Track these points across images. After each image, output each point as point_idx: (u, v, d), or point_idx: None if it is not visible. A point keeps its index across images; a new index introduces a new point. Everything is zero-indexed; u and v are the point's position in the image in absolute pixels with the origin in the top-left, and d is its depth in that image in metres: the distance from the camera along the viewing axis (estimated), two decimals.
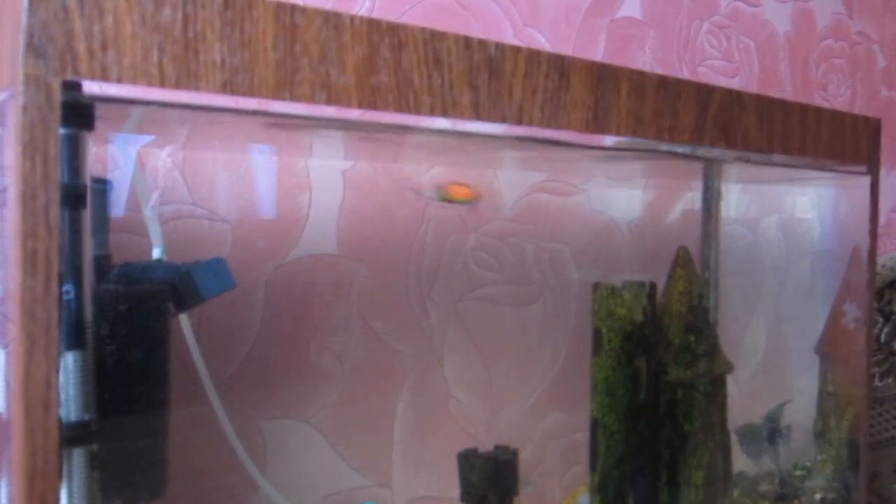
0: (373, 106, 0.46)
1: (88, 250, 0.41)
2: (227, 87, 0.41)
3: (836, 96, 1.41)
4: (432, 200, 0.86)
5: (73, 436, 0.39)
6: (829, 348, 1.00)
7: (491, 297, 0.93)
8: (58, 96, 0.36)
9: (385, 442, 0.86)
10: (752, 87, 1.25)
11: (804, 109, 0.75)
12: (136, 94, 0.42)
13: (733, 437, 0.83)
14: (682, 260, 0.78)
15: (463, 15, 0.90)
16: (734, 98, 0.68)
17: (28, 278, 0.36)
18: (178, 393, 0.54)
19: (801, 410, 1.03)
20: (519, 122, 0.53)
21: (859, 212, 0.88)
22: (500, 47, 0.52)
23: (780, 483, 0.99)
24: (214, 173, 0.74)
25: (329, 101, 0.45)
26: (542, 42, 0.98)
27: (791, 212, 1.23)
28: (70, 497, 0.39)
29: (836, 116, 0.79)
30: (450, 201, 0.85)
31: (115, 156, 0.67)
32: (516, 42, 0.88)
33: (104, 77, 0.38)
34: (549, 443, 0.99)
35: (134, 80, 0.39)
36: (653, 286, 0.75)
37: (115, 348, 0.48)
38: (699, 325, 0.76)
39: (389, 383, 0.86)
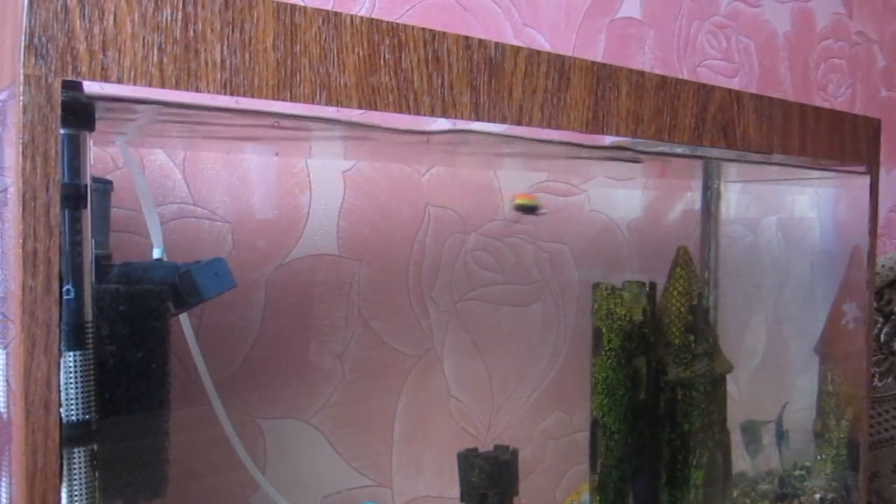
0: (373, 106, 0.46)
1: (89, 250, 0.41)
2: (227, 87, 0.41)
3: (836, 96, 1.41)
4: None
5: (73, 436, 0.39)
6: (828, 348, 1.00)
7: (491, 297, 0.93)
8: (58, 96, 0.36)
9: (385, 442, 0.86)
10: (752, 87, 1.25)
11: (804, 109, 0.75)
12: (137, 94, 0.42)
13: (737, 435, 0.83)
14: (682, 260, 0.78)
15: (463, 15, 0.90)
16: (734, 98, 0.68)
17: (28, 278, 0.36)
18: (178, 393, 0.54)
19: (801, 410, 1.03)
20: (519, 122, 0.53)
21: (859, 212, 0.88)
22: (500, 47, 0.52)
23: (780, 483, 0.99)
24: (215, 173, 0.74)
25: (329, 102, 0.45)
26: (542, 42, 0.98)
27: (791, 212, 1.23)
28: (70, 497, 0.39)
29: (836, 116, 0.79)
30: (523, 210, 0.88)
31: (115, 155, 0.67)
32: (516, 42, 0.88)
33: (104, 77, 0.38)
34: (549, 443, 0.99)
35: (134, 81, 0.39)
36: (653, 286, 0.75)
37: (116, 348, 0.48)
38: (699, 325, 0.76)
39: (389, 383, 0.86)
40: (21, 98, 0.35)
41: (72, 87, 0.38)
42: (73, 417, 0.39)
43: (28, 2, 0.35)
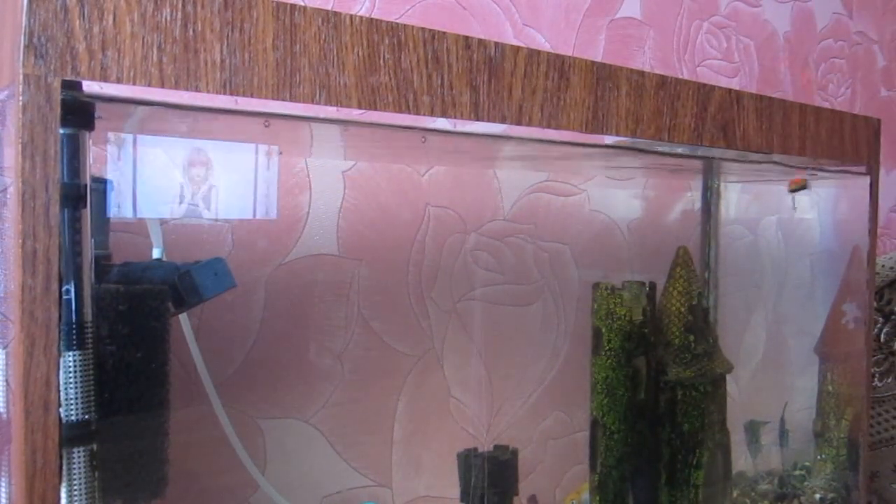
0: (373, 106, 0.46)
1: (89, 250, 0.41)
2: (227, 87, 0.41)
3: (836, 96, 1.41)
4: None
5: (73, 436, 0.39)
6: (829, 348, 1.00)
7: (491, 297, 0.93)
8: (58, 96, 0.36)
9: (385, 442, 0.86)
10: (752, 87, 1.25)
11: (804, 109, 0.75)
12: (137, 94, 0.42)
13: (738, 434, 0.83)
14: (681, 260, 0.78)
15: (463, 15, 0.90)
16: (734, 98, 0.68)
17: (28, 278, 0.36)
18: (178, 393, 0.54)
19: (801, 410, 1.03)
20: (519, 122, 0.53)
21: (859, 212, 0.88)
22: (500, 47, 0.52)
23: (780, 483, 0.99)
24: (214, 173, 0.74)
25: (329, 102, 0.45)
26: (542, 42, 0.97)
27: (791, 212, 1.23)
28: (70, 497, 0.39)
29: (836, 116, 0.79)
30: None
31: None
32: (516, 42, 0.88)
33: (104, 77, 0.38)
34: (549, 443, 0.99)
35: (134, 81, 0.39)
36: (653, 286, 0.75)
37: (115, 348, 0.48)
38: (699, 324, 0.76)
39: (389, 383, 0.86)
40: (21, 98, 0.35)
41: (71, 86, 0.38)
42: (73, 417, 0.39)
43: (28, 2, 0.35)
